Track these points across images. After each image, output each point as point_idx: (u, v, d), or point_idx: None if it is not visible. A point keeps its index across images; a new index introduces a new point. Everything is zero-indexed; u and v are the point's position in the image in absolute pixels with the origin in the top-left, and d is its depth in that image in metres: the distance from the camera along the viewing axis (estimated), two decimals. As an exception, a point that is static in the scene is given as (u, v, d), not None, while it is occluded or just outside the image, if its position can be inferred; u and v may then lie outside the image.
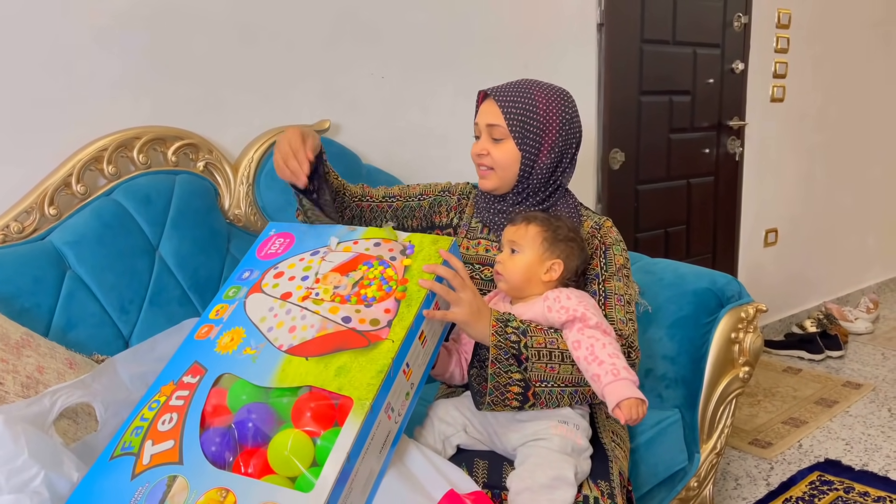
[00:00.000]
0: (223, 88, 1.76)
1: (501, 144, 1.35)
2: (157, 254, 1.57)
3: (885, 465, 2.27)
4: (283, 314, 1.13)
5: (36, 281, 1.42)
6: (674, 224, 2.95)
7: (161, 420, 1.06)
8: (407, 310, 1.10)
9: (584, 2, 2.50)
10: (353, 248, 1.21)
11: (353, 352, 1.05)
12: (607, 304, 1.32)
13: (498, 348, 1.16)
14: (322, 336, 1.08)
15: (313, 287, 1.16)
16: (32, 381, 1.21)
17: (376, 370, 1.02)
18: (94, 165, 1.56)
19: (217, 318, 1.17)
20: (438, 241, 1.20)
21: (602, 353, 1.14)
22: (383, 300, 1.11)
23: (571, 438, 1.20)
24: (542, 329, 1.20)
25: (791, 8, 3.24)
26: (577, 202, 1.44)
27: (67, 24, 1.54)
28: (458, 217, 1.50)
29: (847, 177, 3.77)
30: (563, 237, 1.26)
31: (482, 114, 1.38)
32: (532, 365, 1.17)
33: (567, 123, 1.36)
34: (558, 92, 1.37)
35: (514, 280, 1.26)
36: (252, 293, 1.18)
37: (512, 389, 1.17)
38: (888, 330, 3.58)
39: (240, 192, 1.75)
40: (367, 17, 1.99)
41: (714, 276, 1.77)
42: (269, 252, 1.27)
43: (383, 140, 2.05)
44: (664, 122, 2.84)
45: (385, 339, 1.06)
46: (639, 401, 1.09)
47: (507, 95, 1.34)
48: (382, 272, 1.16)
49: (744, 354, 1.72)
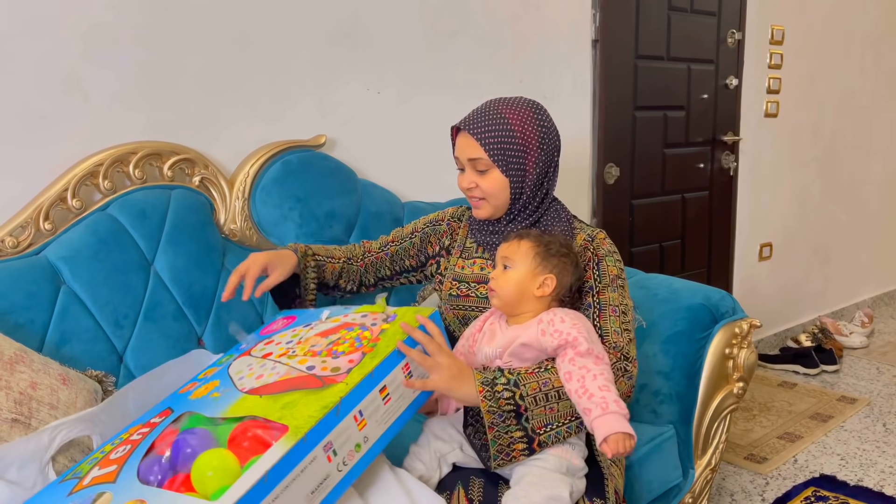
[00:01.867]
0: (219, 104, 1.77)
1: (488, 175, 1.35)
2: (152, 269, 1.57)
3: (880, 480, 2.27)
4: (258, 367, 1.18)
5: (30, 296, 1.42)
6: (669, 238, 2.96)
7: (116, 451, 1.08)
8: (370, 360, 1.11)
9: (579, 18, 2.52)
10: (342, 320, 1.27)
11: (305, 391, 1.06)
12: (602, 315, 1.31)
13: (491, 413, 1.15)
14: (283, 380, 1.11)
15: (291, 347, 1.21)
16: (25, 397, 1.21)
17: (321, 406, 1.02)
18: (90, 180, 1.56)
19: (202, 378, 1.23)
20: (420, 311, 1.24)
21: (592, 386, 1.13)
22: (351, 353, 1.14)
23: (567, 458, 1.20)
24: (532, 372, 1.20)
25: (784, 24, 3.27)
26: (569, 215, 1.45)
27: (64, 40, 1.55)
28: (449, 239, 1.51)
29: (841, 191, 3.79)
30: (555, 252, 1.26)
31: (460, 148, 1.38)
32: (532, 413, 1.17)
33: (545, 135, 1.37)
34: (528, 106, 1.37)
35: (506, 296, 1.26)
36: (240, 357, 1.25)
37: (517, 447, 1.17)
38: (883, 344, 3.59)
39: (235, 207, 1.75)
40: (363, 32, 2.00)
41: (708, 291, 1.77)
42: (271, 329, 1.35)
43: (379, 155, 2.06)
44: (659, 137, 2.85)
45: (339, 382, 1.07)
46: (626, 435, 1.09)
47: (480, 125, 1.34)
48: (359, 334, 1.20)
49: (738, 370, 1.72)
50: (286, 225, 1.79)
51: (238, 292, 1.40)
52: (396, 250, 1.56)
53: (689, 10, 2.85)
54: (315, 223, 1.81)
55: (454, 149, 1.41)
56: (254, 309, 1.68)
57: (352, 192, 1.90)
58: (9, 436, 1.14)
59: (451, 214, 1.55)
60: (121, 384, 1.45)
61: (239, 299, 1.65)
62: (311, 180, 1.83)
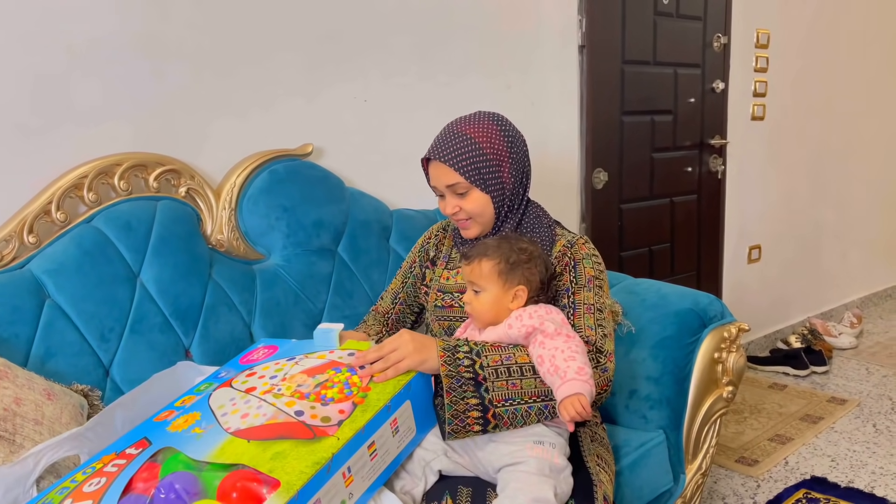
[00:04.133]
0: (205, 114, 1.76)
1: (468, 196, 1.37)
2: (139, 281, 1.56)
3: (870, 481, 2.27)
4: (242, 403, 1.15)
5: (14, 310, 1.41)
6: (658, 242, 2.97)
7: (90, 482, 1.05)
8: (361, 414, 1.11)
9: (566, 24, 2.52)
10: (328, 357, 1.25)
11: (295, 441, 1.05)
12: (576, 314, 1.32)
13: (450, 377, 1.17)
14: (270, 424, 1.09)
15: (278, 384, 1.19)
16: (10, 413, 1.19)
17: (313, 461, 1.01)
18: (75, 192, 1.55)
19: (181, 406, 1.20)
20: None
21: (559, 360, 1.15)
22: (341, 402, 1.13)
23: (548, 458, 1.20)
24: (497, 346, 1.22)
25: (769, 28, 3.29)
26: (551, 221, 1.46)
27: (49, 51, 1.54)
28: (434, 250, 1.54)
29: (828, 193, 3.81)
30: (515, 261, 1.27)
31: (435, 177, 1.40)
32: (492, 384, 1.18)
33: (512, 143, 1.39)
34: (490, 119, 1.39)
35: (484, 317, 1.28)
36: (221, 388, 1.22)
37: (471, 415, 1.17)
38: (872, 345, 3.60)
39: (222, 218, 1.74)
40: (349, 40, 2.00)
41: (697, 296, 1.77)
42: (251, 359, 1.31)
43: (367, 163, 2.06)
44: (646, 142, 2.86)
45: (331, 436, 1.06)
46: (575, 396, 1.11)
47: (449, 151, 1.36)
48: (348, 378, 1.18)
49: (727, 374, 1.73)
50: (273, 235, 1.79)
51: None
52: (407, 294, 1.58)
53: (675, 14, 2.87)
54: (303, 232, 1.81)
55: (428, 178, 1.43)
56: (241, 320, 1.68)
57: (339, 201, 1.89)
58: (-7, 452, 1.13)
59: (437, 228, 1.58)
60: (107, 398, 1.44)
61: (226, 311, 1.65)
62: (298, 189, 1.82)
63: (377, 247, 1.93)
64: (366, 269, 1.89)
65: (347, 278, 1.86)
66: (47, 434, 1.22)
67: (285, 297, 1.74)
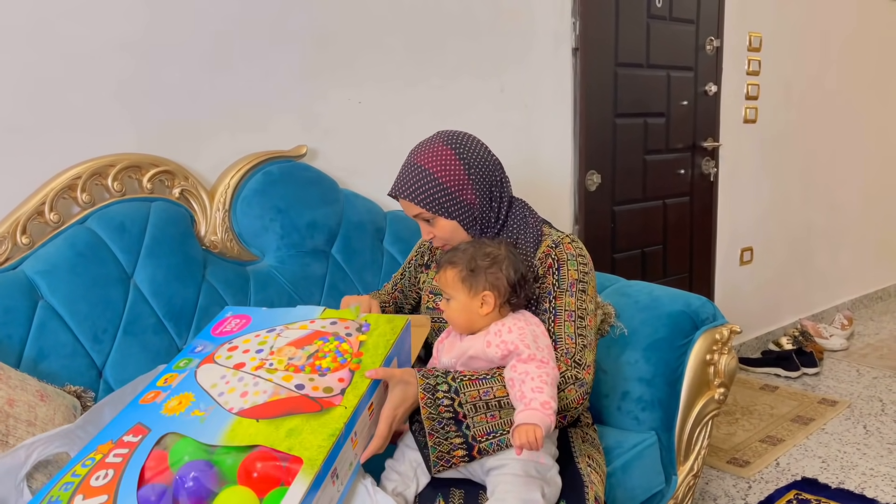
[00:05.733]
0: (199, 115, 1.76)
1: (436, 224, 1.40)
2: (132, 282, 1.56)
3: (860, 482, 2.29)
4: (236, 381, 1.14)
5: (7, 311, 1.40)
6: (650, 244, 2.98)
7: (95, 475, 1.03)
8: (361, 380, 1.13)
9: (559, 26, 2.53)
10: (310, 326, 1.25)
11: (304, 415, 1.06)
12: (556, 321, 1.32)
13: (431, 419, 1.17)
14: (274, 401, 1.09)
15: (267, 358, 1.18)
16: (3, 414, 1.19)
17: (328, 433, 1.03)
18: (68, 193, 1.55)
19: (165, 385, 1.17)
20: (393, 321, 1.25)
21: (526, 389, 1.15)
22: (337, 370, 1.14)
23: (533, 459, 1.20)
24: (475, 380, 1.22)
25: (762, 31, 3.31)
26: (538, 220, 1.45)
27: (42, 53, 1.54)
28: (429, 254, 1.58)
29: (820, 195, 3.84)
30: (478, 267, 1.26)
31: (404, 208, 1.44)
32: (472, 421, 1.19)
33: (470, 164, 1.38)
34: (443, 143, 1.39)
35: (458, 324, 1.29)
36: (204, 363, 1.19)
37: (456, 454, 1.19)
38: (863, 346, 3.63)
39: (216, 219, 1.75)
40: (343, 42, 2.00)
41: (689, 298, 1.79)
42: (224, 330, 1.28)
43: (361, 165, 2.06)
44: (639, 144, 2.87)
45: (338, 406, 1.08)
46: (531, 426, 1.11)
47: (406, 187, 1.38)
48: (338, 346, 1.19)
49: (719, 376, 1.74)
50: (267, 236, 1.79)
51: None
52: (404, 286, 1.63)
53: (668, 17, 2.88)
54: (297, 234, 1.81)
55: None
56: (235, 321, 1.67)
57: (333, 203, 1.90)
58: (-14, 454, 1.13)
59: None
60: (100, 399, 1.43)
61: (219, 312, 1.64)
62: (292, 191, 1.82)
63: (371, 248, 1.93)
64: (359, 270, 1.90)
65: (341, 279, 1.87)
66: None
67: (279, 299, 1.74)
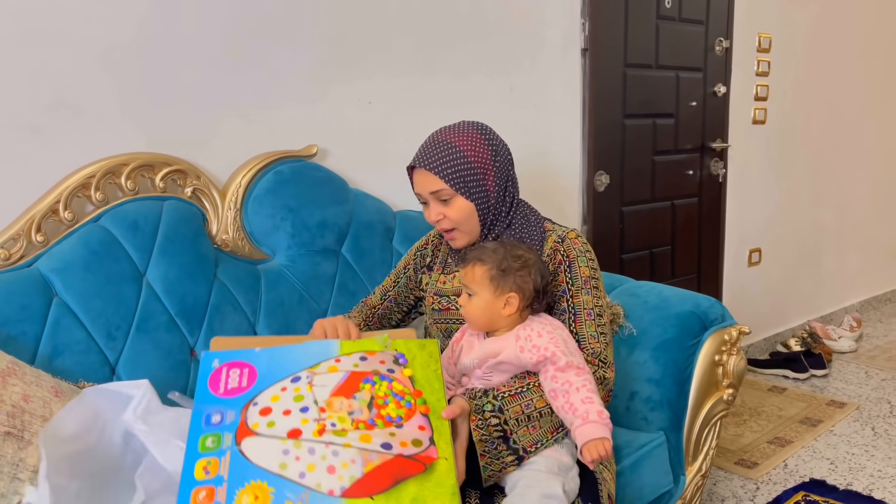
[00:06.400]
0: (211, 114, 1.78)
1: (452, 204, 1.38)
2: (145, 280, 1.58)
3: (868, 484, 2.29)
4: (307, 454, 1.01)
5: (22, 308, 1.42)
6: (659, 245, 2.98)
7: None
8: (438, 422, 1.10)
9: (569, 27, 2.54)
10: (341, 367, 1.13)
11: (414, 479, 1.02)
12: (577, 320, 1.33)
13: (484, 441, 1.19)
14: (372, 470, 1.01)
15: (322, 418, 1.06)
16: (18, 409, 1.21)
17: (449, 492, 1.02)
18: (82, 192, 1.57)
19: (212, 478, 0.99)
20: (425, 346, 1.20)
21: (576, 400, 1.18)
22: (410, 417, 1.09)
23: (556, 458, 1.22)
24: (515, 395, 1.23)
25: (771, 32, 3.30)
26: (540, 218, 1.46)
27: (56, 52, 1.55)
28: (431, 256, 1.56)
29: (829, 196, 3.83)
30: (507, 268, 1.26)
31: (420, 184, 1.41)
32: (518, 435, 1.21)
33: (496, 153, 1.40)
34: (474, 128, 1.40)
35: (477, 322, 1.29)
36: (244, 439, 1.03)
37: (509, 470, 1.22)
38: (871, 348, 3.62)
39: (227, 218, 1.76)
40: (354, 42, 2.01)
41: (698, 298, 1.79)
42: (230, 388, 1.11)
43: (370, 165, 2.07)
44: (648, 145, 2.88)
45: (438, 459, 1.05)
46: (601, 440, 1.14)
47: (434, 159, 1.37)
48: (390, 387, 1.11)
49: (728, 377, 1.74)
50: (278, 235, 1.80)
51: None
52: (397, 293, 1.59)
53: (678, 18, 2.88)
54: (307, 233, 1.82)
55: (413, 186, 1.44)
56: (246, 320, 1.69)
57: (344, 202, 1.91)
58: (1, 448, 1.14)
59: (434, 234, 1.59)
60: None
61: (231, 310, 1.66)
62: (302, 190, 1.84)
63: (380, 248, 1.94)
64: (369, 269, 1.91)
65: (351, 279, 1.88)
66: (55, 431, 1.23)
67: (290, 297, 1.75)
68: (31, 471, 1.15)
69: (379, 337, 1.22)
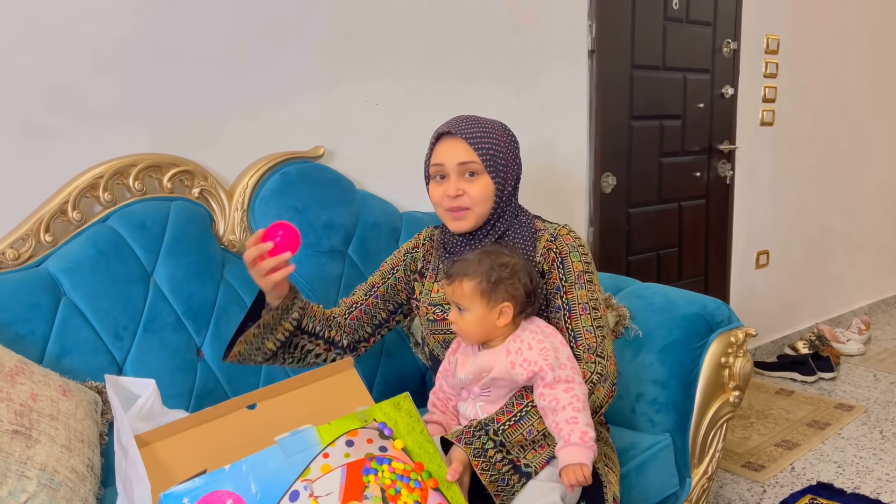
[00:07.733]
0: (218, 116, 1.79)
1: (477, 180, 1.34)
2: (152, 280, 1.59)
3: (876, 487, 2.28)
4: None
5: (31, 308, 1.43)
6: (666, 247, 2.98)
7: None
8: (450, 490, 1.09)
9: (576, 28, 2.54)
10: (332, 464, 1.02)
11: None
12: (572, 316, 1.32)
13: (494, 482, 1.17)
14: None
15: None
16: (26, 408, 1.22)
17: None
18: (90, 192, 1.58)
19: None
20: (398, 404, 1.12)
21: (561, 419, 1.18)
22: (426, 497, 1.06)
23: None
24: (514, 424, 1.21)
25: (779, 34, 3.29)
26: (530, 218, 1.44)
27: (65, 53, 1.57)
28: (422, 262, 1.52)
29: (837, 199, 3.81)
30: (496, 279, 1.22)
31: (447, 153, 1.35)
32: (527, 460, 1.20)
33: (516, 153, 1.42)
34: (501, 123, 1.43)
35: (472, 336, 1.26)
36: None
37: (518, 491, 1.21)
38: (880, 351, 3.60)
39: (234, 218, 1.77)
40: (361, 44, 2.02)
41: (704, 300, 1.78)
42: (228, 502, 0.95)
43: (377, 166, 2.07)
44: (655, 147, 2.87)
45: None
46: (579, 465, 1.14)
47: (471, 131, 1.35)
48: (392, 470, 1.06)
49: (734, 379, 1.73)
50: (285, 236, 1.80)
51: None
52: (385, 290, 1.53)
53: (685, 20, 2.88)
54: (314, 234, 1.82)
55: (433, 156, 1.39)
56: (253, 319, 1.69)
57: (350, 203, 1.91)
58: (9, 447, 1.15)
59: (423, 237, 1.55)
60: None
61: (237, 311, 1.66)
62: (309, 191, 1.84)
63: (387, 248, 1.94)
64: (375, 270, 1.90)
65: (357, 280, 1.87)
66: (63, 429, 1.24)
67: (296, 298, 1.76)
68: (38, 469, 1.16)
69: (357, 411, 1.10)
